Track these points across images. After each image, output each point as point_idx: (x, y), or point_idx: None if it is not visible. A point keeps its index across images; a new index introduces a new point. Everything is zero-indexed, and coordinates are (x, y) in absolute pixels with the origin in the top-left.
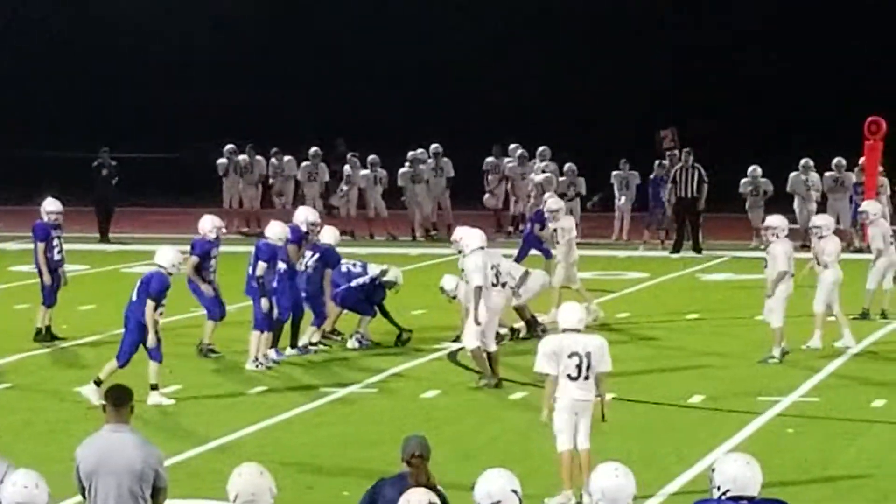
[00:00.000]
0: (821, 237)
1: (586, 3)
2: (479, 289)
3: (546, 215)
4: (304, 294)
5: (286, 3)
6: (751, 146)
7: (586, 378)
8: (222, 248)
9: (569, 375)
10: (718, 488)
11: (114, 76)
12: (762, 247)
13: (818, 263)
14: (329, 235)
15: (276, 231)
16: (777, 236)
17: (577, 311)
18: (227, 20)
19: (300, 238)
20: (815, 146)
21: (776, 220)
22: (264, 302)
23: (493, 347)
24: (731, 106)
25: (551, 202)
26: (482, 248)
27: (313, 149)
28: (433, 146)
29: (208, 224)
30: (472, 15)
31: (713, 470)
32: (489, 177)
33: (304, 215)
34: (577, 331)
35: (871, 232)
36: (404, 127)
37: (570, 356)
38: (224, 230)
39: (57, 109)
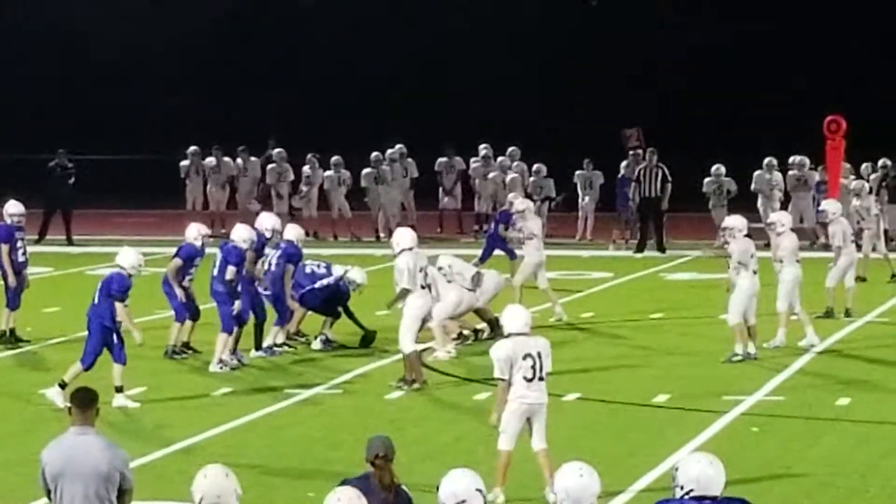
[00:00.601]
0: (778, 233)
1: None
2: (405, 290)
3: (514, 216)
4: (267, 293)
5: (261, 8)
6: (716, 145)
7: (541, 379)
8: None
9: (524, 377)
10: (682, 488)
11: (79, 78)
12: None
13: (775, 260)
14: (291, 233)
15: (241, 234)
16: (734, 237)
17: (522, 315)
18: (212, 24)
19: (262, 245)
20: (779, 145)
21: (733, 221)
22: (237, 304)
23: (409, 349)
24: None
25: (518, 203)
26: (411, 248)
27: (277, 150)
28: (397, 146)
29: (194, 232)
30: (471, 15)
31: (676, 469)
32: (444, 177)
33: (271, 222)
34: (525, 334)
35: (831, 230)
36: (370, 127)
37: (524, 358)
38: (209, 238)
39: (23, 111)
